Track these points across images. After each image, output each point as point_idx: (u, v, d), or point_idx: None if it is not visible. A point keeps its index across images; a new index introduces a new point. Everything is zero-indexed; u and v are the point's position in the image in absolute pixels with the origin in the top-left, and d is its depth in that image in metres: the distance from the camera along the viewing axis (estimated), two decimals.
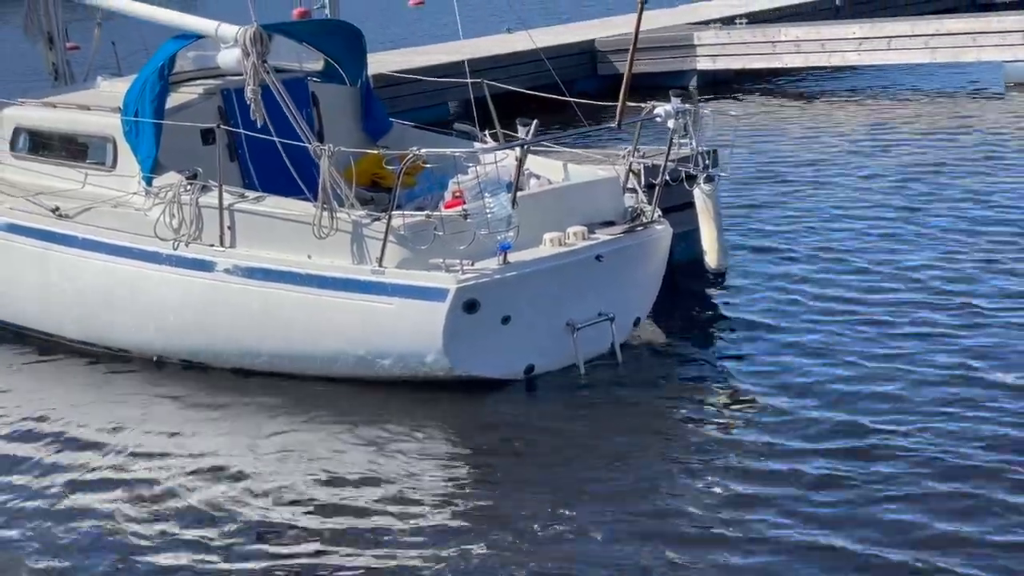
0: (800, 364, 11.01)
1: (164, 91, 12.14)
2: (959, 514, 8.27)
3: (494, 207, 10.38)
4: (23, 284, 12.88)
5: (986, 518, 8.18)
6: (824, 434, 9.60)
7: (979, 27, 23.42)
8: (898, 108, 22.41)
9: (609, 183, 11.86)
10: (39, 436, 10.81)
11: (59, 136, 13.16)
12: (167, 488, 9.58)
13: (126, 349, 12.34)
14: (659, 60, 24.76)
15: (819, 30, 24.99)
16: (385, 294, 10.61)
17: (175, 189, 11.56)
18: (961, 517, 8.23)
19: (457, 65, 20.35)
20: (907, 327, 11.61)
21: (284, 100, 11.32)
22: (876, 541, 8.01)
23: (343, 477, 9.55)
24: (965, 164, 17.55)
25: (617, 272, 11.24)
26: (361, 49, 13.60)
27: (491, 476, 9.53)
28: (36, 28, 15.07)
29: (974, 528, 8.08)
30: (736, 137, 19.63)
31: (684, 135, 11.62)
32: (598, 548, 8.22)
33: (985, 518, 8.18)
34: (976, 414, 9.71)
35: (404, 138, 13.37)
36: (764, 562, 7.91)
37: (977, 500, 8.41)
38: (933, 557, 7.79)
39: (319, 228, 10.75)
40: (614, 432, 10.04)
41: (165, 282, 11.63)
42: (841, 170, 17.87)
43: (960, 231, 14.35)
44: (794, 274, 13.41)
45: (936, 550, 7.86)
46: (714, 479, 9.06)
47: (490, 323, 10.59)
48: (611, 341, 11.25)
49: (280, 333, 11.22)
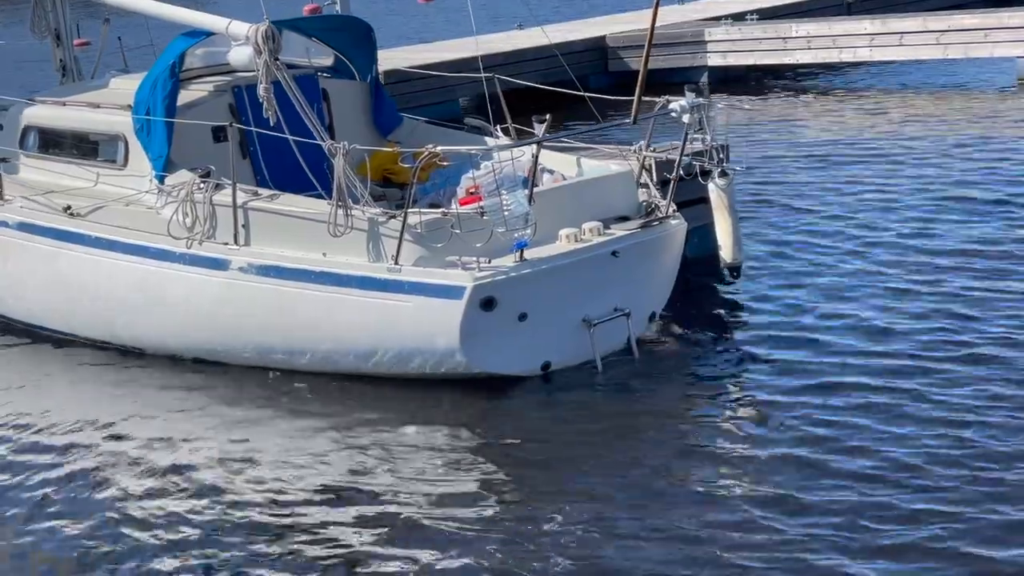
0: (815, 360, 10.95)
1: (175, 89, 12.08)
2: (981, 519, 8.20)
3: (511, 204, 10.30)
4: (35, 282, 12.83)
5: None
6: (841, 430, 9.53)
7: (991, 23, 23.28)
8: (910, 104, 22.29)
9: (623, 178, 11.78)
10: (47, 432, 10.79)
11: (70, 134, 13.10)
12: (175, 485, 9.55)
13: (139, 347, 12.29)
14: (670, 56, 24.68)
15: (830, 26, 24.87)
16: (401, 292, 10.54)
17: (188, 187, 11.50)
18: (986, 528, 8.12)
19: (467, 61, 20.28)
20: (923, 323, 11.53)
21: (297, 97, 11.25)
22: (901, 543, 7.96)
23: (355, 475, 9.50)
24: (978, 160, 17.44)
25: (633, 268, 11.16)
26: (371, 44, 13.54)
27: (507, 473, 9.45)
28: (43, 25, 15.00)
29: (1001, 550, 7.95)
30: (749, 132, 19.60)
31: (699, 129, 11.54)
32: (614, 546, 8.17)
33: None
34: (997, 413, 9.62)
35: (415, 133, 13.32)
36: (783, 559, 7.84)
37: (1009, 517, 8.25)
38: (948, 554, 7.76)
39: (334, 226, 10.68)
40: (631, 429, 9.98)
41: (179, 280, 11.56)
42: (853, 166, 17.77)
43: (974, 226, 14.25)
44: (808, 269, 13.35)
45: (955, 547, 7.83)
46: (730, 476, 9.00)
47: (507, 320, 10.52)
48: (627, 337, 11.19)
49: (294, 331, 11.16)
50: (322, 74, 13.30)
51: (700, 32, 25.44)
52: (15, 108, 13.69)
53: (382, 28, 13.75)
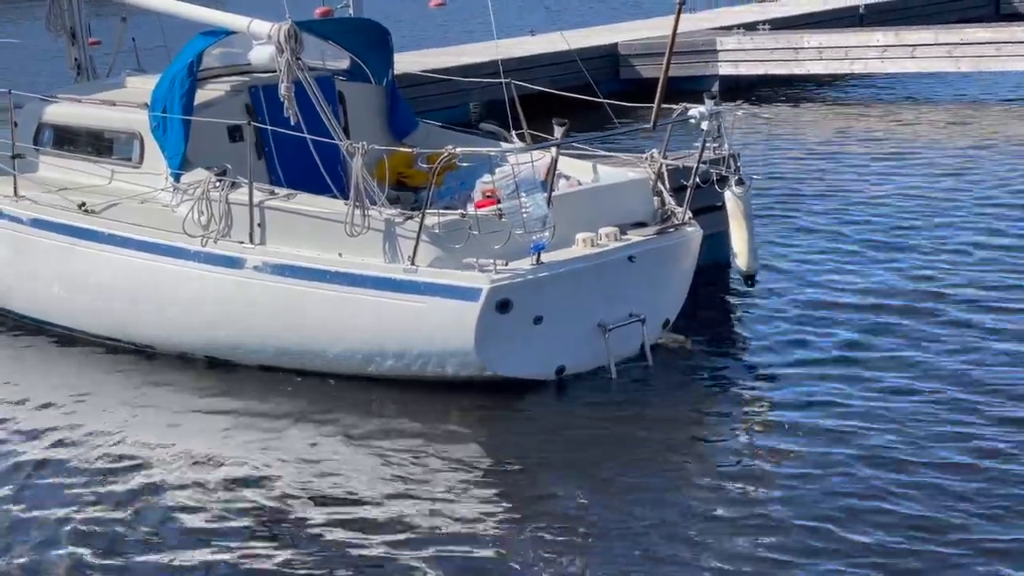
0: (829, 369, 10.94)
1: (193, 88, 12.07)
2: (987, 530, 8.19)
3: (530, 207, 10.29)
4: (48, 279, 12.80)
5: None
6: (853, 438, 9.51)
7: (1003, 36, 23.33)
8: (921, 117, 22.32)
9: (640, 184, 11.79)
10: (56, 429, 10.74)
11: (85, 132, 13.09)
12: (184, 487, 9.50)
13: (151, 345, 12.26)
14: (682, 64, 24.59)
15: (842, 37, 24.93)
16: (418, 293, 10.53)
17: (204, 185, 11.49)
18: (998, 542, 8.10)
19: (479, 66, 20.33)
20: (934, 332, 11.54)
21: (317, 98, 11.23)
22: (905, 550, 7.98)
23: (369, 478, 9.47)
24: (988, 174, 17.45)
25: (648, 273, 11.16)
26: (387, 48, 13.53)
27: (520, 477, 9.43)
28: (58, 23, 15.01)
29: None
30: (762, 141, 19.60)
31: (717, 137, 11.54)
32: (625, 551, 8.15)
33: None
34: (1009, 428, 9.61)
35: (430, 137, 13.30)
36: (796, 564, 7.84)
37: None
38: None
39: (351, 225, 10.67)
40: (644, 435, 9.95)
41: (193, 278, 11.54)
42: (863, 177, 17.80)
43: (986, 238, 14.27)
44: (821, 277, 13.36)
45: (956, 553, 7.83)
46: (742, 483, 8.97)
47: (522, 323, 10.51)
48: (641, 342, 11.17)
49: (309, 331, 11.13)
50: (338, 77, 13.30)
51: (712, 41, 25.50)
52: (30, 105, 13.68)
53: (392, 32, 13.70)
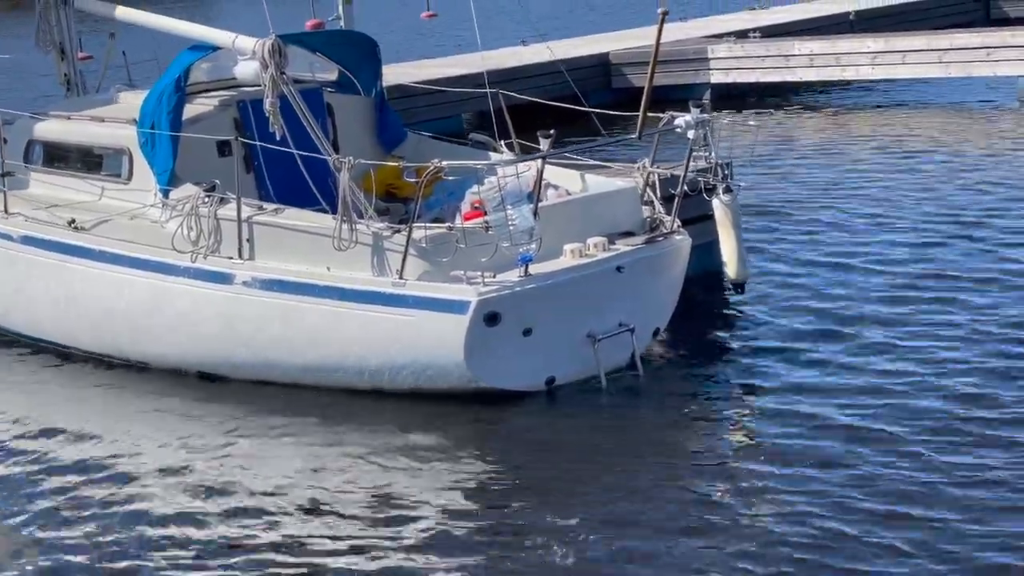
0: (818, 377, 10.94)
1: (181, 103, 12.08)
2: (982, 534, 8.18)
3: (516, 219, 10.31)
4: (39, 296, 12.81)
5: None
6: (845, 446, 9.50)
7: (994, 42, 23.35)
8: (912, 123, 22.32)
9: (628, 194, 11.79)
10: (52, 445, 10.77)
11: (74, 148, 13.10)
12: (178, 499, 9.52)
13: (143, 361, 12.27)
14: (673, 73, 24.66)
15: (833, 44, 24.93)
16: (406, 306, 10.54)
17: (193, 201, 11.50)
18: (995, 535, 8.12)
19: (471, 77, 20.31)
20: (927, 340, 11.53)
21: (303, 112, 11.25)
22: (903, 552, 7.98)
23: (360, 489, 9.48)
24: (981, 178, 17.45)
25: (637, 283, 11.16)
26: (376, 59, 13.53)
27: (511, 489, 9.42)
28: (47, 39, 15.01)
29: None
30: (752, 149, 19.59)
31: (704, 146, 11.54)
32: (616, 559, 8.15)
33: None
34: (1001, 429, 9.61)
35: (419, 148, 13.31)
36: (789, 572, 7.84)
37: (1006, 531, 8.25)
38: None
39: (339, 240, 10.68)
40: (634, 444, 9.96)
41: (183, 295, 11.55)
42: (855, 184, 17.80)
43: (977, 245, 14.26)
44: (811, 285, 13.36)
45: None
46: (733, 492, 8.98)
47: (511, 335, 10.51)
48: (631, 352, 11.17)
49: (299, 345, 11.14)
50: (327, 89, 13.31)
51: (703, 49, 25.50)
52: (20, 122, 13.70)
53: (384, 44, 13.73)
